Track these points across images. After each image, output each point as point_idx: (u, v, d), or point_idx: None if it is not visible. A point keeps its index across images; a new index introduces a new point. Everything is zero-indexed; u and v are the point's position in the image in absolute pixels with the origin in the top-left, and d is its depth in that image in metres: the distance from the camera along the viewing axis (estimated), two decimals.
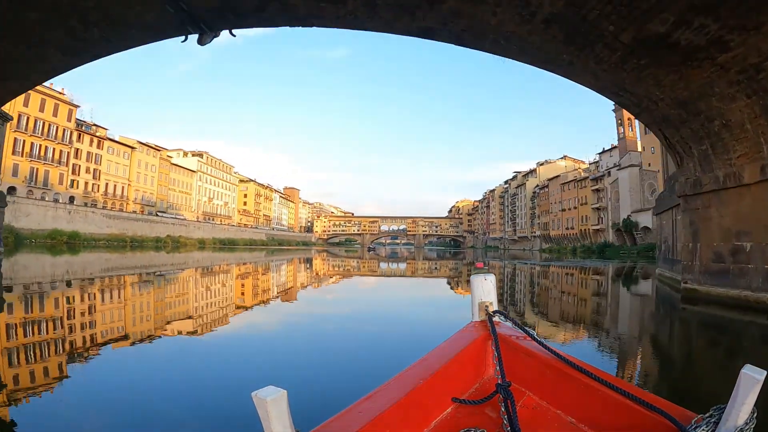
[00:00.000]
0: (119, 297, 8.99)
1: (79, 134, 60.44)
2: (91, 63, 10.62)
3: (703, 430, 1.16)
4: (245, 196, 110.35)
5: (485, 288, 2.12)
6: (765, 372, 1.09)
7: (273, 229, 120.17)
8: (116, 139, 67.34)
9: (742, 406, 1.09)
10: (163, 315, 7.03)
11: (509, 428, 1.37)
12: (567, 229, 78.64)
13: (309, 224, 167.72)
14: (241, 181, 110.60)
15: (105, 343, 4.96)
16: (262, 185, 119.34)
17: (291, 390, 1.07)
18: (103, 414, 2.94)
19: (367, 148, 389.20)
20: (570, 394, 1.59)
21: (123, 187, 66.54)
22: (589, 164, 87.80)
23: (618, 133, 74.56)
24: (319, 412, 1.55)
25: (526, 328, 1.96)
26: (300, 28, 8.62)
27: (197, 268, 19.76)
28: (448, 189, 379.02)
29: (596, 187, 70.56)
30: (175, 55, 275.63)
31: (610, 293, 13.46)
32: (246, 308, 8.10)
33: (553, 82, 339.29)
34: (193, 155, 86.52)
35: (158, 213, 71.69)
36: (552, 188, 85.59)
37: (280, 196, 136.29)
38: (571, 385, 1.58)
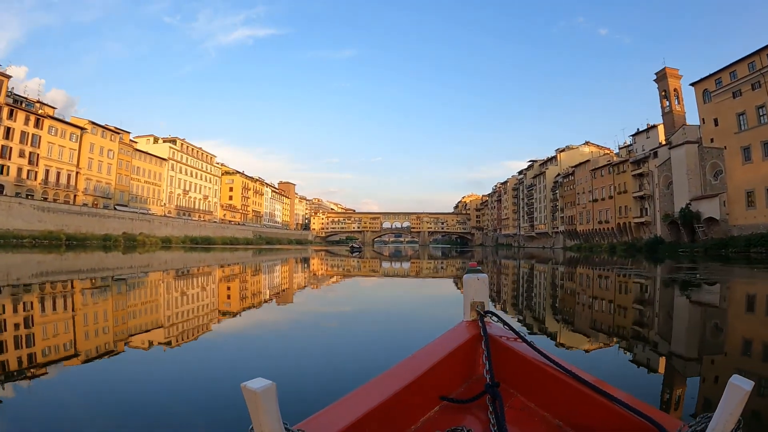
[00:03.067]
0: (66, 307, 7.52)
1: (12, 110, 49.34)
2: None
3: None
4: (231, 189, 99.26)
5: (478, 287, 2.05)
6: (752, 383, 1.08)
7: (263, 226, 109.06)
8: (64, 118, 56.24)
9: (728, 416, 1.08)
10: (139, 321, 6.20)
11: (496, 428, 1.37)
12: (600, 222, 66.84)
13: (306, 221, 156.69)
14: (227, 173, 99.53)
15: (83, 350, 4.51)
16: (250, 178, 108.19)
17: (279, 384, 1.07)
18: (89, 410, 2.86)
19: (368, 147, 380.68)
20: (558, 396, 1.59)
21: (69, 176, 55.36)
22: (620, 148, 75.96)
23: (662, 108, 62.75)
24: (308, 406, 1.55)
25: (517, 329, 1.91)
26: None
27: (159, 271, 16.58)
28: (451, 188, 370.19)
29: (638, 171, 58.76)
30: (182, 55, 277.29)
31: None
32: (232, 314, 7.30)
33: (559, 74, 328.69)
34: (164, 141, 75.32)
35: (116, 206, 60.59)
36: (579, 176, 73.79)
37: (273, 191, 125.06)
38: (559, 387, 1.58)
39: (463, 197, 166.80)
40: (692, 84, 53.64)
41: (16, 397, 3.07)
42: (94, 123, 58.90)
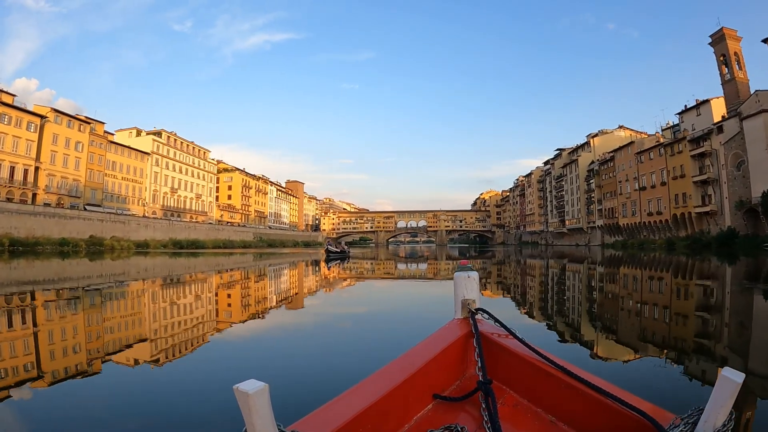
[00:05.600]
0: (25, 321, 6.57)
1: None
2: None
3: (681, 430, 1.17)
4: (230, 188, 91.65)
5: (468, 285, 2.04)
6: (744, 375, 1.10)
7: (268, 227, 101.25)
8: (25, 106, 48.83)
9: (720, 408, 1.10)
10: (125, 334, 5.63)
11: (490, 425, 1.38)
12: (649, 214, 56.58)
13: (316, 222, 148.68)
14: (225, 170, 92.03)
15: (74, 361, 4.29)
16: (252, 176, 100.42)
17: (273, 385, 1.09)
18: (85, 417, 2.84)
19: (381, 148, 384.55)
20: (551, 392, 1.59)
21: (27, 171, 47.82)
22: (662, 130, 65.35)
23: (721, 75, 52.57)
24: (302, 406, 1.53)
25: (508, 326, 1.87)
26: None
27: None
28: (463, 187, 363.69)
29: (698, 150, 48.47)
30: (199, 62, 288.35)
31: None
32: (226, 323, 6.66)
33: (564, 73, 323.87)
34: (147, 134, 67.72)
35: (87, 206, 53.01)
36: (620, 161, 63.58)
37: (278, 190, 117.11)
38: (552, 383, 1.58)
39: (481, 194, 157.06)
40: (765, 40, 43.72)
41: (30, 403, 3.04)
42: (57, 111, 51.45)
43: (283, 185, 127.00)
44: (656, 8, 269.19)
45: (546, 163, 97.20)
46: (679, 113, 58.33)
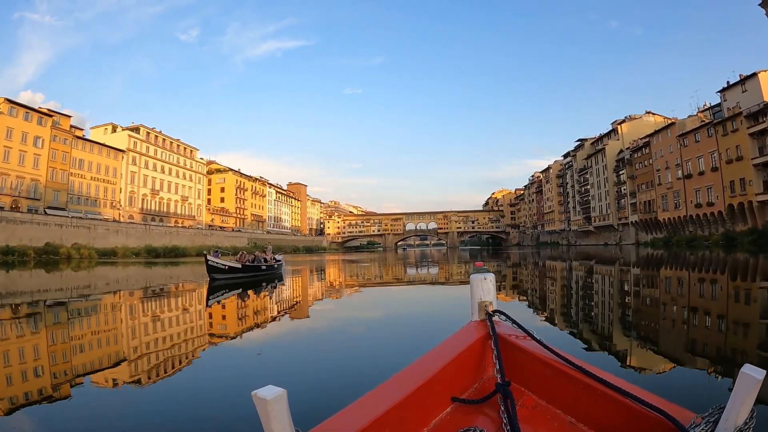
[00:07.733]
0: None
1: None
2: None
3: (702, 429, 1.16)
4: (222, 190, 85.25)
5: (485, 287, 2.04)
6: (765, 372, 1.09)
7: (266, 231, 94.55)
8: None
9: (741, 406, 1.09)
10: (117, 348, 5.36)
11: (509, 427, 1.37)
12: (697, 206, 48.43)
13: (321, 226, 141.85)
14: (217, 170, 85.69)
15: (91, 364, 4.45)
16: (248, 177, 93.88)
17: (291, 390, 1.10)
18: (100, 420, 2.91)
19: (389, 150, 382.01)
20: (570, 393, 1.59)
21: None
22: (700, 111, 57.28)
23: None
24: (320, 412, 1.53)
25: (526, 327, 1.87)
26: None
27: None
28: (471, 189, 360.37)
29: (759, 127, 40.47)
30: (210, 70, 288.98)
31: None
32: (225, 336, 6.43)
33: (571, 71, 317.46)
34: (124, 130, 61.29)
35: (48, 210, 46.55)
36: (657, 146, 55.45)
37: (278, 192, 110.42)
38: (570, 384, 1.58)
39: (493, 193, 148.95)
40: None
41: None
42: (11, 102, 45.19)
43: (283, 187, 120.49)
44: (659, 4, 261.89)
45: (566, 155, 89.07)
46: (720, 91, 50.31)
